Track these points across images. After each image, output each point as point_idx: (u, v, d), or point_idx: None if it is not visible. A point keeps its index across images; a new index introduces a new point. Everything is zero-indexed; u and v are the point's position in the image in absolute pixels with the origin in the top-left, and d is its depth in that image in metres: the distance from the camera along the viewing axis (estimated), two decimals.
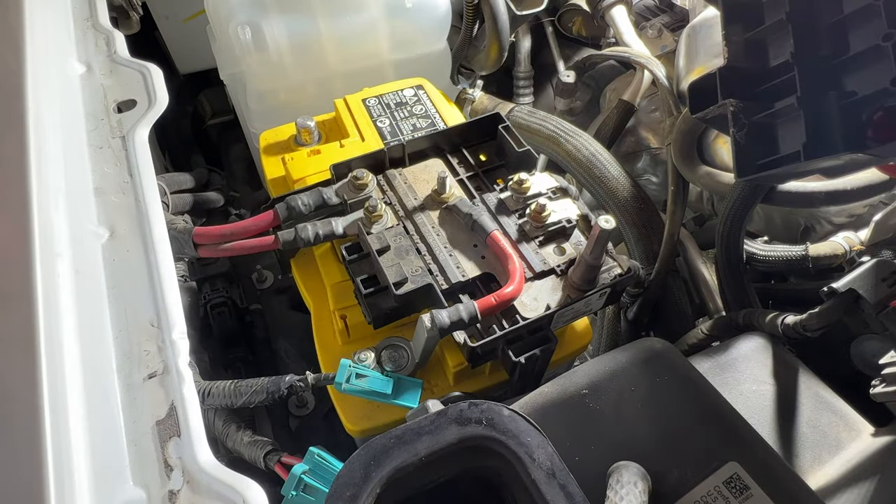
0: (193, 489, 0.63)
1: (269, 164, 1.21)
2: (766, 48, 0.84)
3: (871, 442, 0.87)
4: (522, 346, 0.85)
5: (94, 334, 0.72)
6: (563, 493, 0.56)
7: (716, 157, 1.23)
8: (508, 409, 0.61)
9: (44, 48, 0.95)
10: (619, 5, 1.61)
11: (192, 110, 2.06)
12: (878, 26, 0.70)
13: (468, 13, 1.56)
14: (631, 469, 0.67)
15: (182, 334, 0.73)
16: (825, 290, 0.89)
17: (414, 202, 1.00)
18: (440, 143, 1.09)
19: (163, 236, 0.81)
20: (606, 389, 0.78)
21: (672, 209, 1.25)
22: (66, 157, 0.85)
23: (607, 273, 0.91)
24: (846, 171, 0.94)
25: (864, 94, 0.72)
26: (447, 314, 0.82)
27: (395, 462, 0.57)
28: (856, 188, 1.01)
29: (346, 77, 1.47)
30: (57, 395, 0.62)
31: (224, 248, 0.98)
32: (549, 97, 1.93)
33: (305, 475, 0.79)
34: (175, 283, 0.78)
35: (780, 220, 1.31)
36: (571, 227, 0.96)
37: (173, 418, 0.68)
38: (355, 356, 0.89)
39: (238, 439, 0.91)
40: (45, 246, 0.72)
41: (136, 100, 0.98)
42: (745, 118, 0.83)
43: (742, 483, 0.69)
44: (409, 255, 0.93)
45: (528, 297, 0.89)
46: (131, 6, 1.44)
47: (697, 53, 1.23)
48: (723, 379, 0.91)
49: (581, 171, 1.31)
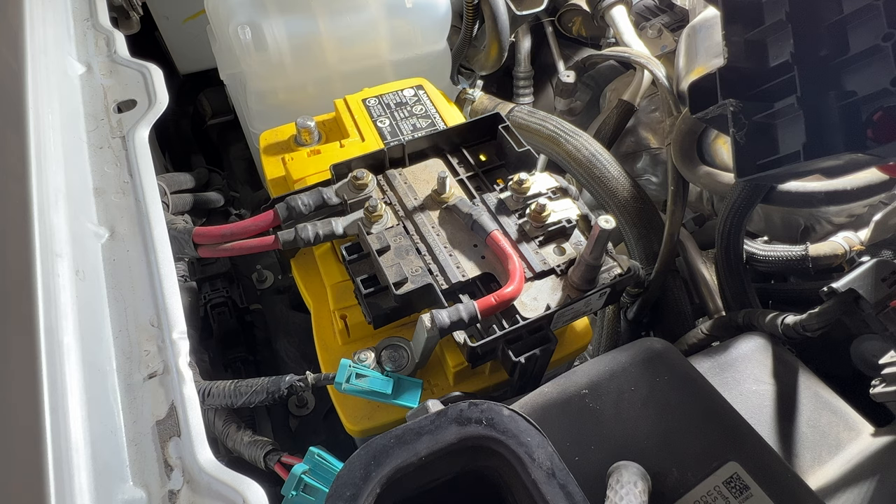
0: (193, 489, 0.63)
1: (269, 164, 1.21)
2: (766, 48, 0.84)
3: (871, 442, 0.87)
4: (522, 346, 0.85)
5: (94, 334, 0.72)
6: (563, 493, 0.56)
7: (716, 157, 1.23)
8: (508, 409, 0.61)
9: (44, 48, 0.94)
10: (619, 5, 1.61)
11: (192, 110, 2.06)
12: (878, 26, 0.70)
13: (468, 13, 1.56)
14: (631, 469, 0.67)
15: (182, 334, 0.73)
16: (825, 290, 0.89)
17: (414, 202, 1.00)
18: (440, 143, 1.09)
19: (163, 236, 0.81)
20: (606, 389, 0.78)
21: (672, 209, 1.25)
22: (66, 157, 0.85)
23: (607, 273, 0.91)
24: (846, 171, 0.94)
25: (864, 94, 0.72)
26: (447, 314, 0.82)
27: (395, 462, 0.57)
28: (856, 188, 1.01)
29: (346, 77, 1.47)
30: (57, 395, 0.62)
31: (224, 248, 0.98)
32: (549, 97, 1.93)
33: (305, 475, 0.79)
34: (175, 283, 0.78)
35: (780, 220, 1.31)
36: (571, 227, 0.96)
37: (173, 418, 0.68)
38: (355, 356, 0.89)
39: (238, 439, 0.91)
40: (45, 246, 0.72)
41: (136, 100, 0.98)
42: (745, 118, 0.83)
43: (742, 483, 0.69)
44: (409, 255, 0.93)
45: (527, 297, 0.89)
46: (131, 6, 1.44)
47: (697, 53, 1.23)
48: (723, 379, 0.91)
49: (581, 171, 1.31)
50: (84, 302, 0.73)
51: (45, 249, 0.72)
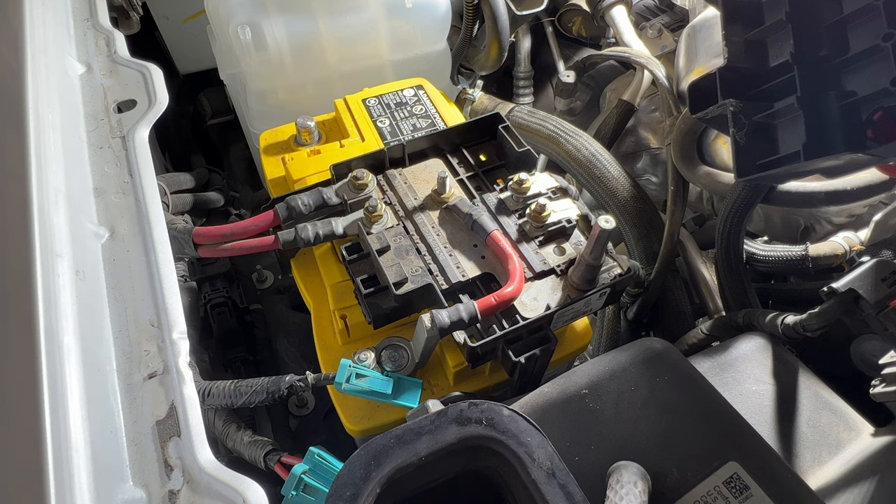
0: (193, 489, 0.63)
1: (269, 164, 1.21)
2: (766, 48, 0.84)
3: (871, 442, 0.87)
4: (522, 346, 0.85)
5: (94, 334, 0.72)
6: (563, 493, 0.56)
7: (716, 157, 1.23)
8: (508, 409, 0.61)
9: (44, 48, 0.94)
10: (619, 5, 1.61)
11: (192, 110, 2.06)
12: (878, 26, 0.70)
13: (468, 13, 1.56)
14: (631, 469, 0.67)
15: (182, 334, 0.73)
16: (825, 290, 0.89)
17: (414, 202, 1.00)
18: (440, 143, 1.09)
19: (163, 236, 0.81)
20: (606, 389, 0.78)
21: (672, 209, 1.25)
22: (66, 157, 0.85)
23: (607, 273, 0.91)
24: (846, 171, 0.94)
25: (864, 94, 0.72)
26: (447, 314, 0.82)
27: (395, 462, 0.57)
28: (856, 188, 1.01)
29: (346, 77, 1.47)
30: (57, 395, 0.62)
31: (224, 248, 0.98)
32: (549, 97, 1.93)
33: (305, 475, 0.79)
34: (175, 283, 0.78)
35: (780, 220, 1.31)
36: (571, 227, 0.96)
37: (173, 418, 0.68)
38: (355, 356, 0.89)
39: (238, 439, 0.91)
40: (45, 246, 0.72)
41: (136, 100, 0.98)
42: (745, 118, 0.83)
43: (742, 483, 0.69)
44: (408, 255, 0.93)
45: (527, 297, 0.89)
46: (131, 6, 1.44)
47: (697, 53, 1.23)
48: (723, 379, 0.91)
49: (581, 171, 1.31)
50: (84, 302, 0.73)
51: (45, 249, 0.72)
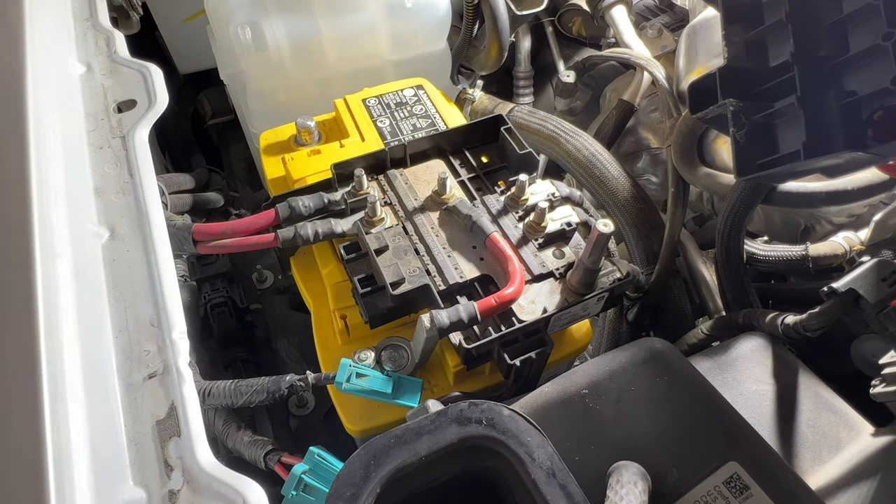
0: (193, 489, 0.63)
1: (269, 164, 1.21)
2: (766, 48, 0.84)
3: (871, 442, 0.87)
4: (518, 349, 0.85)
5: (94, 334, 0.72)
6: (563, 492, 0.56)
7: (716, 158, 1.23)
8: (508, 408, 0.61)
9: (44, 48, 0.95)
10: (619, 5, 1.61)
11: (192, 110, 2.06)
12: (878, 26, 0.70)
13: (468, 13, 1.56)
14: (631, 469, 0.67)
15: (182, 334, 0.73)
16: (825, 290, 0.89)
17: (414, 203, 1.00)
18: (442, 143, 1.09)
19: (163, 236, 0.82)
20: (606, 389, 0.78)
21: (672, 211, 1.25)
22: (66, 157, 0.85)
23: (606, 277, 0.91)
24: (846, 171, 0.94)
25: (864, 93, 0.72)
26: (447, 314, 0.82)
27: (395, 462, 0.57)
28: (856, 188, 1.01)
29: (346, 77, 1.47)
30: (57, 395, 0.62)
31: (223, 245, 0.98)
32: (549, 97, 1.93)
33: (305, 475, 0.79)
34: (175, 282, 0.78)
35: (780, 220, 1.31)
36: (571, 231, 0.96)
37: (173, 418, 0.68)
38: (355, 356, 0.89)
39: (238, 439, 0.91)
40: (45, 246, 0.72)
41: (136, 100, 0.98)
42: (745, 118, 0.83)
43: (742, 483, 0.69)
44: (407, 255, 0.93)
45: (525, 299, 0.89)
46: (131, 6, 1.44)
47: (697, 53, 1.23)
48: (723, 379, 0.91)
49: (581, 171, 1.31)
50: (84, 302, 0.73)
51: (45, 249, 0.72)
